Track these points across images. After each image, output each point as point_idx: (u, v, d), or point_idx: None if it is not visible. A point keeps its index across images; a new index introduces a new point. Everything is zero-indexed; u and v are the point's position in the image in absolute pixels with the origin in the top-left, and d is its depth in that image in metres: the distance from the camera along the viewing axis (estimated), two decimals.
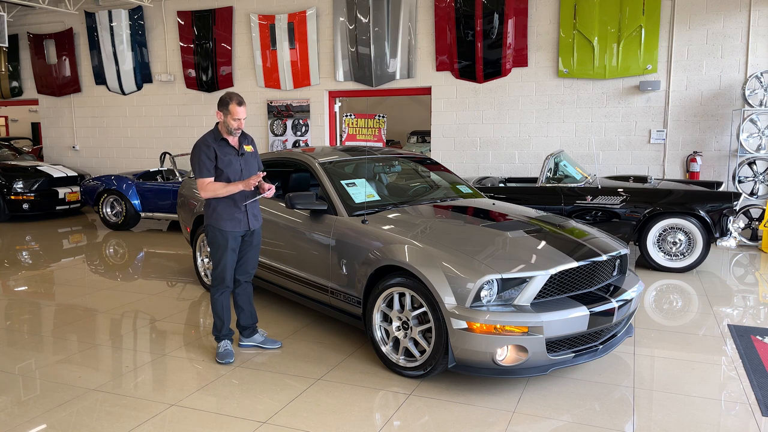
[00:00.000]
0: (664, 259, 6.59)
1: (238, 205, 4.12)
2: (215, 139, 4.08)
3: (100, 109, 12.77)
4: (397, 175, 5.87)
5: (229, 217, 4.10)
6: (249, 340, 4.44)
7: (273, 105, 11.13)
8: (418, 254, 3.76)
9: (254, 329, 4.45)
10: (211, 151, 4.04)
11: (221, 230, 4.10)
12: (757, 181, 8.35)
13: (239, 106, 4.00)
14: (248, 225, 4.18)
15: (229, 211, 4.10)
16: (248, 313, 4.40)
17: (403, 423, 3.31)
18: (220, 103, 4.03)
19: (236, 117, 4.01)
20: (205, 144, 4.06)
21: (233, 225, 4.11)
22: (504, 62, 9.45)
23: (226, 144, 4.10)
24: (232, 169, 4.09)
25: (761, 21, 8.24)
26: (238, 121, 4.03)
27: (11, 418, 3.39)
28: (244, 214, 4.15)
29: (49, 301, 5.72)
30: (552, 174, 7.07)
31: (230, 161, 4.08)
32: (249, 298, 4.40)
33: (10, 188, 10.17)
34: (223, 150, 4.08)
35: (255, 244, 4.31)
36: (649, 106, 8.84)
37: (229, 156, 4.09)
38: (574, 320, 3.52)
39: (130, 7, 11.92)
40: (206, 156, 4.03)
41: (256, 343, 4.43)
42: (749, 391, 3.66)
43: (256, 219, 4.26)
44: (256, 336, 4.45)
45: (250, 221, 4.20)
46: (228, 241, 4.12)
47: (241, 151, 4.16)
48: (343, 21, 10.34)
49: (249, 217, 4.18)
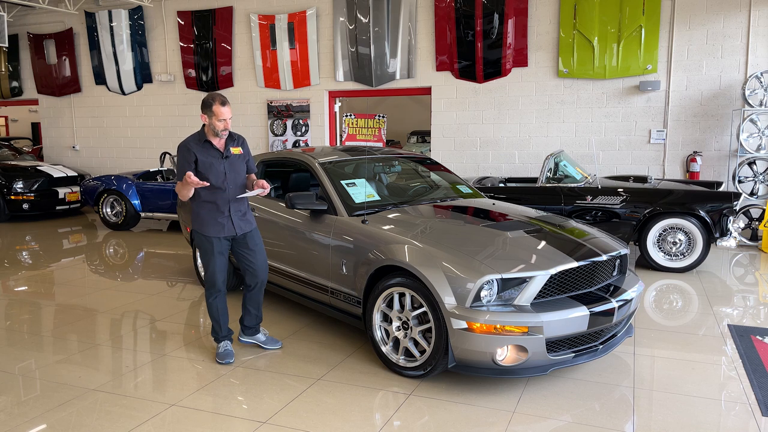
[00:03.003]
0: (664, 259, 6.59)
1: (220, 209, 4.00)
2: (198, 142, 3.96)
3: (100, 109, 12.77)
4: (397, 175, 5.87)
5: (211, 221, 4.00)
6: (250, 338, 4.41)
7: (273, 105, 11.13)
8: (418, 254, 3.76)
9: (257, 329, 4.42)
10: (190, 155, 3.92)
11: (205, 235, 4.02)
12: (757, 181, 8.35)
13: (223, 106, 3.86)
14: (234, 230, 4.04)
15: (211, 216, 4.00)
16: (253, 316, 4.33)
17: (403, 423, 3.31)
18: (203, 105, 3.91)
19: (221, 118, 3.87)
20: (185, 147, 3.95)
21: (216, 230, 4.00)
22: (504, 62, 9.45)
23: (209, 147, 3.97)
24: (214, 172, 3.95)
25: (761, 21, 8.24)
26: (223, 122, 3.89)
27: (11, 418, 3.39)
28: (227, 218, 4.02)
29: (49, 301, 5.72)
30: (552, 174, 7.07)
31: (212, 164, 3.94)
32: (257, 303, 4.30)
33: (10, 188, 10.17)
34: (205, 153, 3.95)
35: (254, 248, 4.16)
36: (649, 106, 8.84)
37: (210, 159, 3.95)
38: (574, 320, 3.52)
39: (130, 7, 11.93)
40: (184, 160, 3.92)
41: (258, 342, 4.40)
42: (749, 391, 3.66)
43: (244, 222, 4.10)
44: (258, 335, 4.41)
45: (236, 226, 4.05)
46: (213, 245, 4.02)
47: (225, 153, 4.00)
48: (343, 21, 10.34)
49: (234, 222, 4.04)
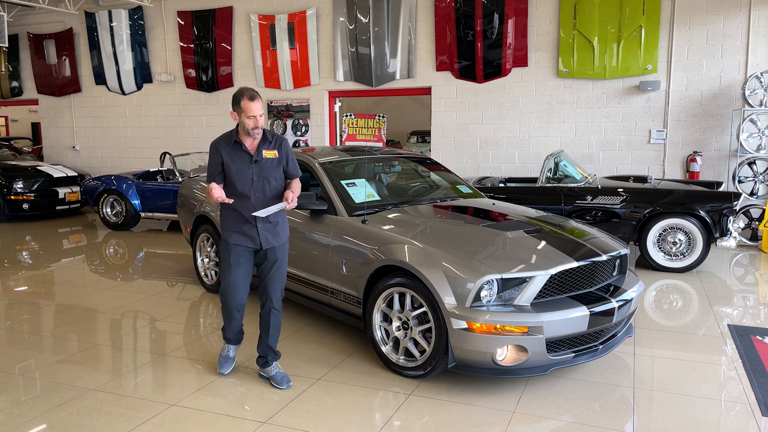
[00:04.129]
0: (664, 259, 6.59)
1: (245, 217, 3.63)
2: (228, 142, 3.64)
3: (100, 109, 12.77)
4: (397, 175, 5.87)
5: (235, 228, 3.66)
6: (263, 371, 3.87)
7: (273, 105, 11.13)
8: (418, 254, 3.76)
9: (268, 362, 3.83)
10: (217, 155, 3.63)
11: (226, 241, 3.71)
12: (757, 181, 8.35)
13: (251, 101, 3.51)
14: (259, 242, 3.66)
15: (235, 223, 3.66)
16: (264, 345, 3.79)
17: (403, 423, 3.31)
18: (232, 101, 3.59)
19: (250, 114, 3.52)
20: (213, 148, 3.67)
21: (240, 239, 3.66)
22: (504, 62, 9.44)
23: (239, 148, 3.61)
24: (241, 177, 3.60)
25: (761, 21, 8.24)
26: (253, 119, 3.53)
27: (11, 418, 3.39)
28: (253, 228, 3.64)
29: (49, 301, 5.72)
30: (552, 174, 7.07)
31: (238, 169, 3.60)
32: (268, 326, 3.76)
33: (10, 188, 10.17)
34: (233, 155, 3.61)
35: (274, 264, 3.71)
36: (649, 106, 8.84)
37: (238, 163, 3.60)
38: (574, 320, 3.52)
39: (130, 7, 11.92)
40: (211, 159, 3.66)
41: (267, 375, 3.84)
42: (749, 391, 3.66)
43: (273, 236, 3.70)
44: (268, 369, 3.84)
45: (263, 238, 3.65)
46: (231, 254, 3.67)
47: (256, 157, 3.61)
48: (343, 21, 10.34)
49: (261, 233, 3.64)
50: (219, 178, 3.65)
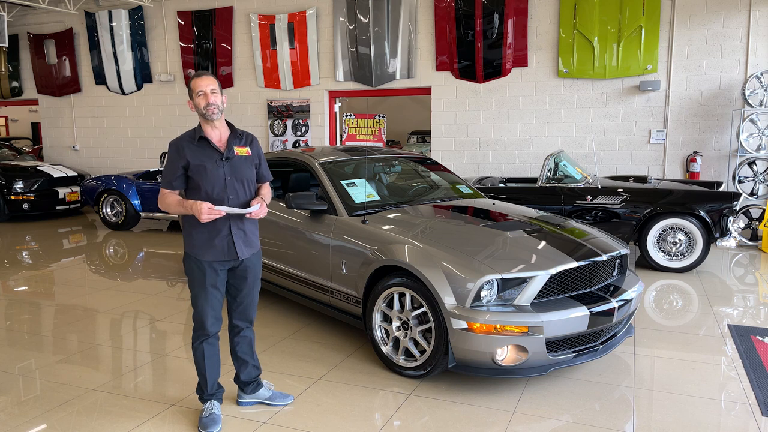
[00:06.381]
0: (664, 259, 6.59)
1: (218, 226, 3.11)
2: (192, 140, 3.11)
3: (100, 109, 12.77)
4: (397, 175, 5.87)
5: (205, 242, 3.12)
6: (252, 396, 3.49)
7: (273, 105, 11.13)
8: (418, 254, 3.76)
9: (258, 383, 3.51)
10: (178, 156, 3.08)
11: (196, 259, 3.15)
12: (757, 181, 8.35)
13: (198, 78, 3.07)
14: (235, 253, 3.16)
15: (210, 235, 3.12)
16: (250, 366, 3.42)
17: (403, 423, 3.31)
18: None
19: (198, 90, 3.04)
20: (174, 146, 3.12)
21: (213, 253, 3.13)
22: (504, 62, 9.45)
23: (206, 145, 3.10)
24: (209, 178, 3.07)
25: (761, 21, 8.24)
26: (203, 95, 3.04)
27: (11, 418, 3.39)
28: (227, 238, 3.13)
29: (49, 301, 5.72)
30: (552, 174, 7.07)
31: (205, 169, 3.06)
32: (250, 346, 3.40)
33: (10, 188, 10.17)
34: (199, 153, 3.08)
35: (250, 278, 3.28)
36: (649, 106, 8.84)
37: (204, 162, 3.07)
38: (574, 320, 3.52)
39: (130, 7, 11.92)
40: (171, 160, 3.11)
41: (262, 399, 3.50)
42: (749, 391, 3.66)
43: (247, 246, 3.21)
44: (261, 391, 3.50)
45: (238, 249, 3.16)
46: (206, 274, 3.14)
47: (227, 154, 3.11)
48: (343, 21, 10.34)
49: (236, 244, 3.15)
50: (178, 182, 3.12)
